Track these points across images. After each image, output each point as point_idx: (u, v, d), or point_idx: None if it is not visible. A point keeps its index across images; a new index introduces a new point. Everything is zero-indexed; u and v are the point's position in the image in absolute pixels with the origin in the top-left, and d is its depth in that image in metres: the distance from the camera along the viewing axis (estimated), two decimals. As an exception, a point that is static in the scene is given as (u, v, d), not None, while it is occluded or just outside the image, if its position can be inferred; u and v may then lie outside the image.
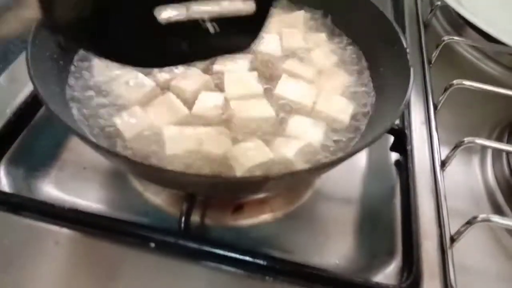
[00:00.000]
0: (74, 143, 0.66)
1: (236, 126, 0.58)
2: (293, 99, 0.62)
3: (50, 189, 0.61)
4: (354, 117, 0.61)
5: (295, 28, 0.72)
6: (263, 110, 0.59)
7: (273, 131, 0.59)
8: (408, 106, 0.75)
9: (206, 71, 0.65)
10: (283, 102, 0.62)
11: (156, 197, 0.61)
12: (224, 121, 0.59)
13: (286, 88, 0.62)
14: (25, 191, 0.60)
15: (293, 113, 0.61)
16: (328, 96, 0.62)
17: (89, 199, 0.60)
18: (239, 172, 0.52)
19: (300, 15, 0.74)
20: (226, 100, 0.60)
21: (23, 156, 0.64)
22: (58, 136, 0.66)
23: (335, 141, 0.58)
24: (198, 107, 0.59)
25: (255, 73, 0.64)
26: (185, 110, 0.59)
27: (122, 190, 0.62)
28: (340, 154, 0.56)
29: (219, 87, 0.63)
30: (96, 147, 0.47)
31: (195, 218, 0.59)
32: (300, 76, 0.65)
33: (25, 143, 0.65)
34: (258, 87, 0.62)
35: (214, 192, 0.58)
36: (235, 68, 0.64)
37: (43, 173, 0.62)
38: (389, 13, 1.00)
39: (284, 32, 0.71)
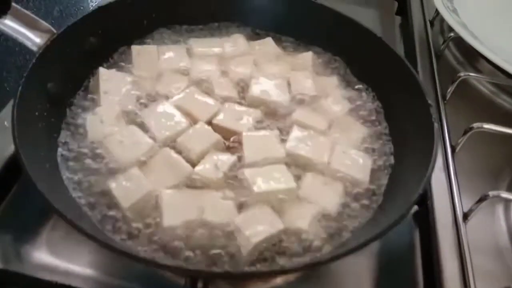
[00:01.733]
0: (68, 199, 0.61)
1: (249, 197, 0.53)
2: (306, 155, 0.57)
3: (41, 255, 0.56)
4: (372, 175, 0.57)
5: (304, 71, 0.68)
6: (285, 180, 0.54)
7: (287, 198, 0.54)
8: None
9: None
10: (295, 158, 0.57)
11: (156, 261, 0.56)
12: (229, 182, 0.54)
13: (297, 143, 0.57)
14: (15, 259, 0.55)
15: (307, 171, 0.56)
16: (343, 151, 0.57)
17: (83, 264, 0.55)
18: (245, 250, 0.48)
19: (308, 57, 0.70)
20: (240, 166, 0.55)
21: (12, 217, 0.58)
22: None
23: (352, 206, 0.53)
24: (201, 168, 0.54)
25: (276, 132, 0.59)
26: (189, 168, 0.54)
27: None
28: (358, 221, 0.51)
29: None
30: (91, 238, 0.42)
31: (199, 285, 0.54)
32: (312, 127, 0.60)
33: (13, 203, 0.60)
34: (280, 151, 0.57)
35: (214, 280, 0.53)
36: (245, 124, 0.60)
37: (34, 235, 0.57)
38: (398, 44, 0.96)
39: (292, 76, 0.67)
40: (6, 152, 0.61)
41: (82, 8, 1.27)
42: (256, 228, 0.48)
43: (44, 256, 0.55)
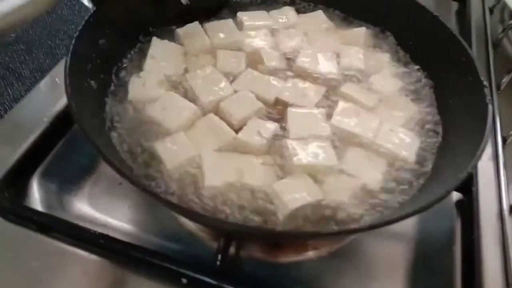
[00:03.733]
0: (111, 156, 0.63)
1: (289, 167, 0.53)
2: (351, 130, 0.56)
3: (82, 206, 0.58)
4: (419, 154, 0.55)
5: (355, 46, 0.66)
6: (326, 157, 0.53)
7: (328, 172, 0.53)
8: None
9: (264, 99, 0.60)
10: (341, 132, 0.56)
11: (191, 222, 0.57)
12: (270, 150, 0.54)
13: (343, 117, 0.56)
14: (57, 208, 0.57)
15: (351, 145, 0.55)
16: (390, 129, 0.55)
17: (122, 218, 0.57)
18: (281, 214, 0.47)
19: (361, 32, 0.68)
20: (283, 136, 0.55)
21: (57, 169, 0.61)
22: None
23: (395, 183, 0.51)
24: (244, 134, 0.54)
25: (322, 110, 0.58)
26: (232, 133, 0.54)
27: (156, 212, 0.58)
28: (401, 198, 0.49)
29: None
30: (138, 185, 0.43)
31: (231, 250, 0.54)
32: (359, 102, 0.59)
33: (60, 154, 0.62)
34: (325, 129, 0.56)
35: (252, 239, 0.53)
36: (302, 102, 0.59)
37: (76, 187, 0.59)
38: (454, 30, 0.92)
39: (342, 50, 0.65)
40: (56, 106, 0.64)
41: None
42: (295, 194, 0.48)
43: (85, 207, 0.58)
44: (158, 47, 0.64)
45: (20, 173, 0.58)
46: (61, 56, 1.02)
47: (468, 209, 0.60)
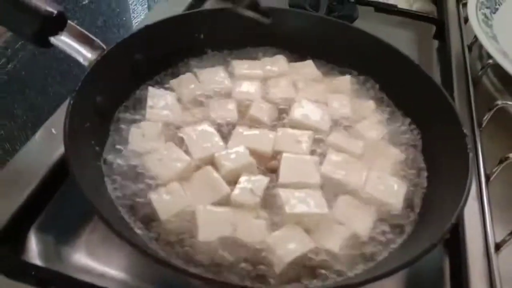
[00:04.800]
0: (107, 204, 0.64)
1: (281, 218, 0.55)
2: (341, 179, 0.58)
3: (80, 257, 0.58)
4: (406, 200, 0.57)
5: (341, 94, 0.69)
6: (317, 205, 0.55)
7: (319, 221, 0.55)
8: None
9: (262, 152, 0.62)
10: (329, 181, 0.58)
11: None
12: (263, 203, 0.55)
13: (332, 166, 0.58)
14: (55, 260, 0.57)
15: (341, 194, 0.57)
16: (378, 176, 0.58)
17: (120, 268, 0.58)
18: (278, 268, 0.49)
19: (346, 80, 0.71)
20: (275, 187, 0.57)
21: (54, 220, 0.61)
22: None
23: (384, 231, 0.53)
24: (238, 194, 0.55)
25: (316, 158, 0.60)
26: (226, 188, 0.56)
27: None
28: (389, 247, 0.51)
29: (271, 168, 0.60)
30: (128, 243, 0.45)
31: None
32: (347, 151, 0.61)
33: (57, 205, 0.63)
34: (316, 177, 0.58)
35: None
36: (296, 149, 0.61)
37: (74, 237, 0.60)
38: (435, 68, 0.96)
39: (329, 99, 0.68)
40: (52, 157, 0.65)
41: (124, 19, 1.32)
42: (289, 247, 0.49)
43: (82, 258, 0.58)
44: (155, 96, 0.67)
45: (17, 227, 0.58)
46: (53, 94, 1.04)
47: (455, 248, 0.61)
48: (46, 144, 0.68)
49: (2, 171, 0.64)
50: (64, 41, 0.59)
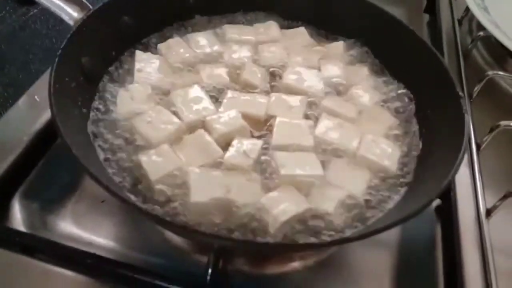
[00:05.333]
0: (93, 173, 0.62)
1: (274, 177, 0.54)
2: (335, 142, 0.57)
3: (66, 225, 0.57)
4: (400, 163, 0.57)
5: (335, 60, 0.68)
6: (312, 167, 0.54)
7: (313, 182, 0.54)
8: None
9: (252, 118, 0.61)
10: (324, 144, 0.58)
11: (178, 237, 0.56)
12: (256, 166, 0.54)
13: (326, 129, 0.57)
14: (40, 228, 0.56)
15: (335, 157, 0.56)
16: (372, 139, 0.57)
17: (107, 236, 0.56)
18: (272, 228, 0.48)
19: (339, 46, 0.70)
20: (269, 150, 0.56)
21: (39, 188, 0.60)
22: (75, 167, 0.62)
23: (379, 193, 0.53)
24: (231, 155, 0.54)
25: (310, 122, 0.59)
26: (219, 152, 0.55)
27: (141, 228, 0.58)
28: (385, 207, 0.51)
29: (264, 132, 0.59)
30: (123, 201, 0.43)
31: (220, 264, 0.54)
32: (341, 115, 0.60)
33: (41, 173, 0.61)
34: (309, 140, 0.57)
35: (242, 254, 0.53)
36: (289, 114, 0.60)
37: (59, 206, 0.58)
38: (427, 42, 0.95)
39: (322, 65, 0.67)
40: (36, 124, 0.63)
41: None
42: (283, 207, 0.49)
43: (69, 226, 0.57)
44: (143, 60, 0.65)
45: (1, 194, 0.57)
46: (35, 71, 1.01)
47: (447, 215, 0.62)
48: (30, 111, 0.65)
49: (-17, 137, 0.61)
50: (48, -2, 0.56)
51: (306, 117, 0.62)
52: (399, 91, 0.66)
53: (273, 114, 0.60)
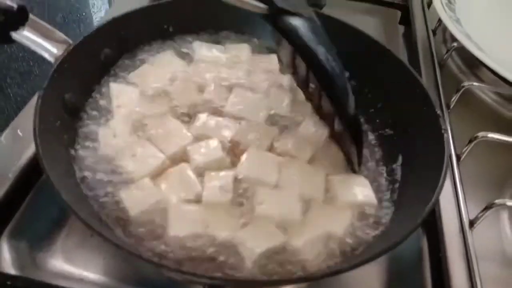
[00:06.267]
0: (81, 208, 0.62)
1: (253, 216, 0.54)
2: (305, 191, 0.57)
3: (56, 262, 0.56)
4: (378, 194, 0.58)
5: (282, 90, 0.69)
6: (290, 208, 0.55)
7: (292, 222, 0.54)
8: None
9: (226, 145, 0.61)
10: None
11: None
12: (234, 200, 0.55)
13: (292, 177, 0.57)
14: (31, 267, 0.55)
15: (311, 204, 0.56)
16: (339, 180, 0.58)
17: (98, 271, 0.56)
18: (249, 261, 0.49)
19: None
20: (249, 184, 0.57)
21: (26, 227, 0.59)
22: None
23: (362, 227, 0.55)
24: (208, 193, 0.55)
25: (280, 159, 0.60)
26: (199, 187, 0.55)
27: (131, 260, 0.57)
28: (371, 236, 0.52)
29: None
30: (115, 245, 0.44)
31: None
32: (298, 157, 0.60)
33: (28, 210, 0.60)
34: (273, 178, 0.58)
35: None
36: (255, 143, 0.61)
37: (48, 243, 0.58)
38: (402, 53, 0.98)
39: (272, 94, 0.68)
40: (21, 160, 0.62)
41: (84, 14, 1.27)
42: (259, 240, 0.50)
43: (59, 263, 0.56)
44: (119, 93, 0.65)
45: (-13, 235, 0.56)
46: (13, 95, 0.99)
47: (432, 228, 0.63)
48: (13, 147, 0.64)
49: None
50: (26, 36, 0.56)
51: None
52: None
53: (240, 142, 0.61)
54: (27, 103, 0.71)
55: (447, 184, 0.70)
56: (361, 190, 0.57)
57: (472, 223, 0.64)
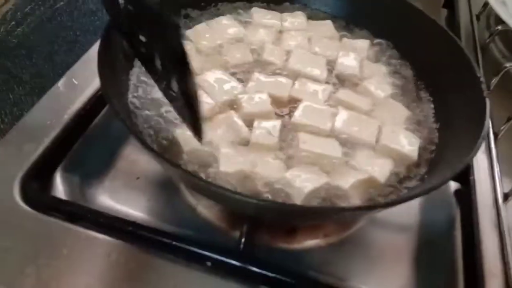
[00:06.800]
0: (128, 152, 0.65)
1: (296, 155, 0.57)
2: (354, 134, 0.60)
3: (104, 199, 0.60)
4: (420, 150, 0.60)
5: (355, 54, 0.71)
6: (332, 148, 0.57)
7: (334, 163, 0.57)
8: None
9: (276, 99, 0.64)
10: (345, 136, 0.60)
11: (209, 212, 0.60)
12: (282, 147, 0.58)
13: (345, 122, 0.60)
14: (81, 200, 0.59)
15: (357, 147, 0.59)
16: (391, 130, 0.60)
17: (142, 210, 0.60)
18: (298, 199, 0.51)
19: (364, 44, 0.74)
20: (293, 129, 0.59)
21: (78, 164, 0.63)
22: (112, 145, 0.66)
23: (400, 178, 0.56)
24: (257, 134, 0.57)
25: (333, 110, 0.62)
26: (246, 131, 0.58)
27: (174, 203, 0.61)
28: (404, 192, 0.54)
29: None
30: (158, 156, 0.46)
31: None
32: (356, 107, 0.63)
33: (81, 150, 0.65)
34: (327, 126, 0.60)
35: (273, 218, 0.56)
36: (313, 99, 0.63)
37: (97, 182, 0.62)
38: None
39: (340, 57, 0.70)
40: (74, 105, 0.66)
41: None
42: (306, 179, 0.52)
43: (106, 200, 0.60)
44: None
45: (44, 167, 0.60)
46: (60, 62, 1.05)
47: (466, 198, 0.64)
48: (69, 93, 0.69)
49: (29, 115, 0.65)
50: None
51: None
52: (415, 78, 0.69)
53: (296, 97, 0.64)
54: (83, 54, 0.75)
55: (483, 159, 0.70)
56: (408, 143, 0.59)
57: (506, 196, 0.65)
